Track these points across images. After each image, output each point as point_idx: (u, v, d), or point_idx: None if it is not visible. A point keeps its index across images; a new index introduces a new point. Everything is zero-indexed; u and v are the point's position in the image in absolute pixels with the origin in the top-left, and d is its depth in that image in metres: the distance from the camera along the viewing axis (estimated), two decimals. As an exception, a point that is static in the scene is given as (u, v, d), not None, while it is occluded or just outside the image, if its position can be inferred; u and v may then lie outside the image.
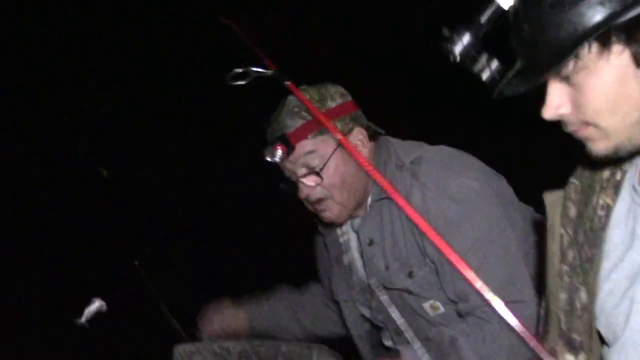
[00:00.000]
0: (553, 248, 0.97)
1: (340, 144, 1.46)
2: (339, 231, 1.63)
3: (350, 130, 1.50)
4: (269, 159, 1.46)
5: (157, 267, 1.89)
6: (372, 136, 1.56)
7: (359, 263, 1.62)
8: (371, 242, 1.52)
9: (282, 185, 1.54)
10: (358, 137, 1.51)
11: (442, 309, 1.48)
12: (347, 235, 1.63)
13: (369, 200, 1.53)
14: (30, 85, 4.40)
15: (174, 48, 4.12)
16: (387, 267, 1.51)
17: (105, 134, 4.54)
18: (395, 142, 1.57)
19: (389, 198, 1.44)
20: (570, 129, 0.81)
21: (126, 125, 4.41)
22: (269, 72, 1.31)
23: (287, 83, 1.29)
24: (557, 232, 0.96)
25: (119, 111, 4.43)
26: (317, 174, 1.46)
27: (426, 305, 1.49)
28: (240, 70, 1.31)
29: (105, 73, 4.30)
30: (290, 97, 1.49)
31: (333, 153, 1.46)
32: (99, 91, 4.43)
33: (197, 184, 3.90)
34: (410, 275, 1.47)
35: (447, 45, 0.89)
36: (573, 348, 0.92)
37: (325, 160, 1.46)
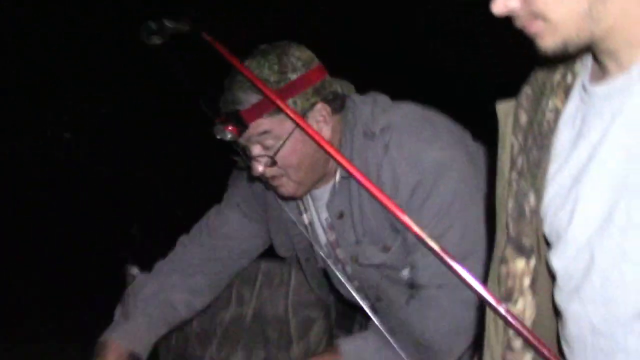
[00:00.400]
0: (503, 157, 0.96)
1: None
2: None
3: (312, 106, 1.37)
4: (218, 136, 1.34)
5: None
6: (339, 107, 1.44)
7: (319, 229, 1.56)
8: (341, 215, 1.47)
9: (235, 159, 1.45)
10: (321, 114, 1.39)
11: None
12: (306, 196, 1.55)
13: (338, 175, 1.45)
14: (31, 85, 4.41)
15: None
16: (357, 242, 1.47)
17: (105, 134, 4.55)
18: (362, 106, 1.46)
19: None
20: (519, 24, 0.80)
21: (126, 125, 4.42)
22: (186, 26, 1.17)
23: (206, 36, 1.12)
24: (508, 142, 0.95)
25: (119, 111, 4.44)
26: (272, 157, 1.37)
27: (404, 272, 1.48)
28: (154, 25, 1.16)
29: (105, 73, 4.30)
30: (245, 64, 1.34)
31: (291, 134, 1.36)
32: (99, 91, 4.43)
33: (197, 184, 3.90)
34: (385, 249, 1.45)
35: None
36: (523, 252, 0.92)
37: (282, 141, 1.36)
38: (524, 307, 0.92)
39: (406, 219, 0.98)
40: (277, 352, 1.66)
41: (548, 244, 0.91)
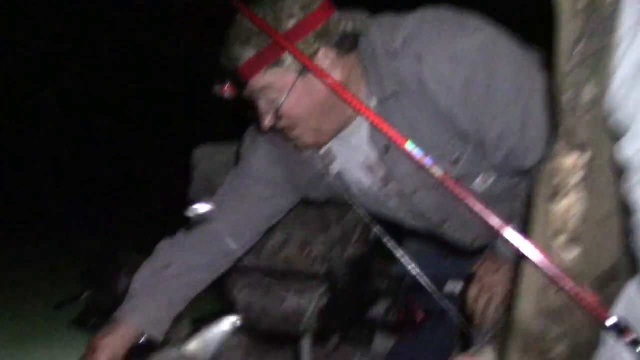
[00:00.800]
0: (561, 45, 0.89)
1: (302, 72, 1.27)
2: None
3: (315, 54, 1.27)
4: (218, 96, 1.30)
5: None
6: (349, 47, 1.32)
7: (358, 172, 1.47)
8: (387, 149, 1.36)
9: (247, 113, 1.37)
10: (325, 62, 1.28)
11: (493, 177, 1.42)
12: (327, 144, 1.45)
13: (373, 103, 1.34)
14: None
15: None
16: (419, 167, 1.28)
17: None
18: (372, 31, 1.33)
19: (395, 94, 1.30)
20: None
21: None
22: None
23: None
24: (565, 28, 0.89)
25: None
26: (276, 111, 1.31)
27: (476, 182, 1.40)
28: None
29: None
30: (239, 15, 1.28)
31: (294, 85, 1.28)
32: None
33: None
34: (456, 161, 1.34)
35: None
36: (576, 147, 0.88)
37: (285, 94, 1.28)
38: (570, 204, 0.88)
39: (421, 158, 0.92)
40: (315, 234, 1.70)
41: (614, 136, 0.86)
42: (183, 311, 1.53)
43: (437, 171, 0.90)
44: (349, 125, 1.38)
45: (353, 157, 1.44)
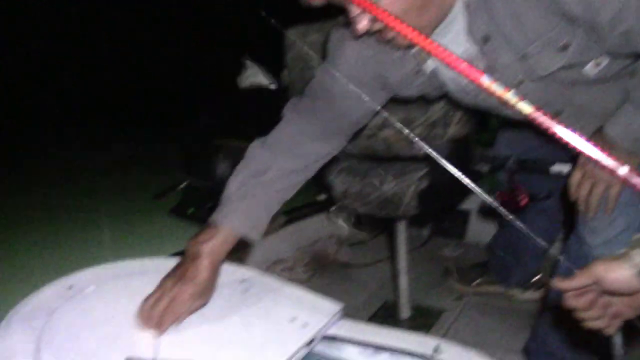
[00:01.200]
0: None
1: None
2: None
3: None
4: (305, 4, 1.25)
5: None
6: None
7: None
8: (486, 40, 1.31)
9: (340, 19, 1.32)
10: None
11: (606, 61, 1.35)
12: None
13: None
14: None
15: None
16: (523, 57, 1.31)
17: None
18: None
19: None
20: None
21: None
22: None
23: None
24: None
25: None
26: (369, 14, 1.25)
27: (588, 67, 1.34)
28: None
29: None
30: None
31: None
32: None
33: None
34: (565, 48, 1.27)
35: None
36: None
37: None
38: None
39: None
40: (415, 113, 1.65)
41: None
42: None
43: (525, 107, 0.82)
44: (443, 18, 1.31)
45: (449, 51, 1.36)
